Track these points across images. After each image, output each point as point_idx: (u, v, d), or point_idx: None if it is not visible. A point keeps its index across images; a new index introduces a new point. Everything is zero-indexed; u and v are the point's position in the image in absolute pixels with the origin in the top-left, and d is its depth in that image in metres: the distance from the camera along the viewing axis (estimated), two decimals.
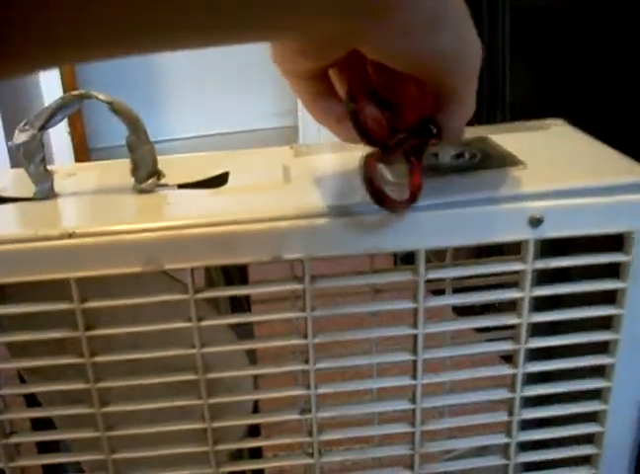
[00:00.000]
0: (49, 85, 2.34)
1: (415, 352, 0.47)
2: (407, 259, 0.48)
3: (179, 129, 3.20)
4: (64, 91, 2.28)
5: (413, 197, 0.42)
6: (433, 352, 0.48)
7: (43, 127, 0.47)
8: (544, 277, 0.48)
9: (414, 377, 0.47)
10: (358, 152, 0.51)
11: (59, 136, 2.32)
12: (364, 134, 0.40)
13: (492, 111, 1.23)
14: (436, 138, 0.43)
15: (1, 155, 1.74)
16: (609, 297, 0.49)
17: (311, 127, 2.62)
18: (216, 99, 3.20)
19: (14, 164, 1.84)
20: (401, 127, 0.42)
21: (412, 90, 0.42)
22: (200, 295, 0.43)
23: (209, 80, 3.19)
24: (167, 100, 3.23)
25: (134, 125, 0.47)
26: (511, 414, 0.49)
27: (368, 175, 0.39)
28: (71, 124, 2.34)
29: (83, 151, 2.46)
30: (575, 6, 1.18)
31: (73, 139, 2.37)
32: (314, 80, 0.42)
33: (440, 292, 0.53)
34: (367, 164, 0.40)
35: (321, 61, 0.39)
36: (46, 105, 0.47)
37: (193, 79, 3.20)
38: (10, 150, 0.48)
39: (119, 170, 0.51)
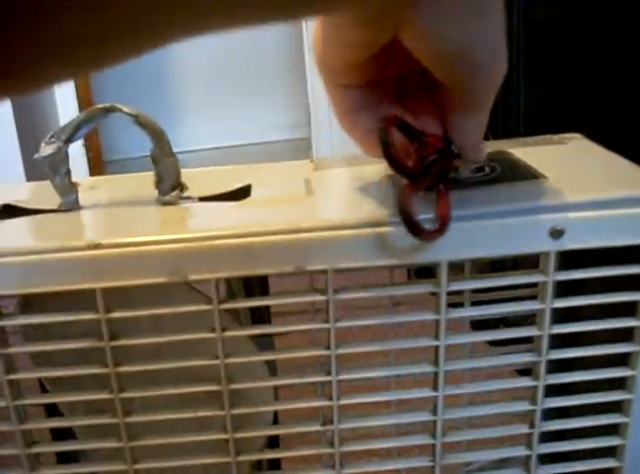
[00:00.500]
0: (64, 98, 2.36)
1: (436, 363, 0.47)
2: (420, 272, 0.49)
3: (192, 141, 3.22)
4: (79, 104, 2.30)
5: (442, 228, 0.42)
6: (454, 363, 0.48)
7: (69, 140, 0.47)
8: (560, 291, 0.48)
9: (435, 389, 0.48)
10: (376, 165, 0.51)
11: (74, 149, 2.34)
12: (395, 165, 0.41)
13: (507, 123, 1.23)
14: (457, 158, 0.44)
15: (17, 168, 1.76)
16: (629, 310, 0.49)
17: (324, 140, 2.63)
18: (230, 111, 3.22)
19: (29, 178, 1.86)
20: (427, 154, 0.42)
21: (432, 112, 0.43)
22: (223, 306, 0.44)
23: (223, 92, 3.21)
24: (181, 112, 3.25)
25: (159, 138, 0.48)
26: (532, 426, 0.50)
27: (403, 205, 0.40)
28: (86, 137, 2.36)
29: (98, 164, 2.48)
30: (585, 17, 1.18)
31: (88, 152, 2.39)
32: (351, 90, 0.43)
33: (456, 306, 0.53)
34: (402, 195, 0.40)
35: (367, 45, 0.39)
36: (61, 118, 0.48)
37: (206, 91, 3.22)
38: (25, 163, 0.49)
39: (139, 183, 0.51)
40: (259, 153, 3.14)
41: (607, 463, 0.52)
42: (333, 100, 0.44)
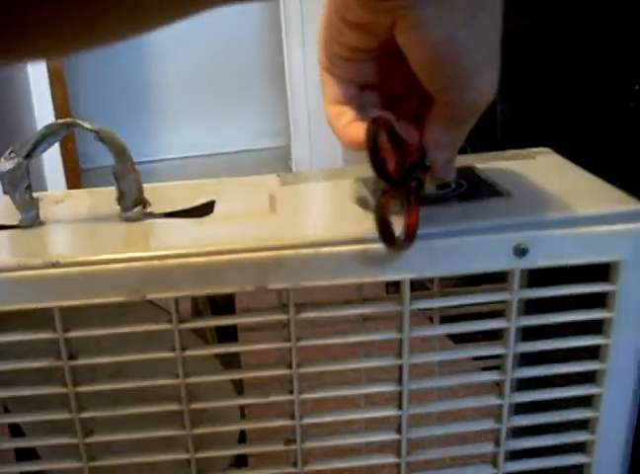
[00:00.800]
0: (42, 110, 2.34)
1: (400, 382, 0.46)
2: (398, 284, 0.48)
3: (171, 149, 3.21)
4: (56, 115, 2.29)
5: (410, 239, 0.42)
6: (419, 382, 0.47)
7: (29, 155, 0.47)
8: (531, 304, 0.48)
9: (399, 408, 0.47)
10: (343, 181, 0.51)
11: (51, 157, 2.32)
12: (379, 170, 0.40)
13: (482, 135, 1.23)
14: (427, 173, 0.43)
15: None
16: (597, 326, 0.49)
17: (303, 148, 2.62)
18: (209, 119, 3.21)
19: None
20: (406, 164, 0.42)
21: (415, 122, 0.43)
22: (184, 325, 0.43)
23: (202, 100, 3.20)
24: (159, 119, 3.24)
25: (120, 154, 0.47)
26: (497, 444, 0.49)
27: (381, 212, 0.40)
28: (63, 145, 2.34)
29: (74, 172, 2.46)
30: (562, 26, 1.18)
31: (65, 160, 2.37)
32: (345, 83, 0.43)
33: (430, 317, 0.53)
34: (382, 202, 0.40)
35: (365, 29, 0.39)
36: (38, 124, 0.47)
37: (185, 99, 3.21)
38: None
39: (105, 198, 0.51)
40: (238, 161, 3.13)
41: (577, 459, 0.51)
42: (324, 87, 0.44)
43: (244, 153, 3.21)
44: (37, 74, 2.34)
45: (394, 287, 0.55)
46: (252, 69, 3.20)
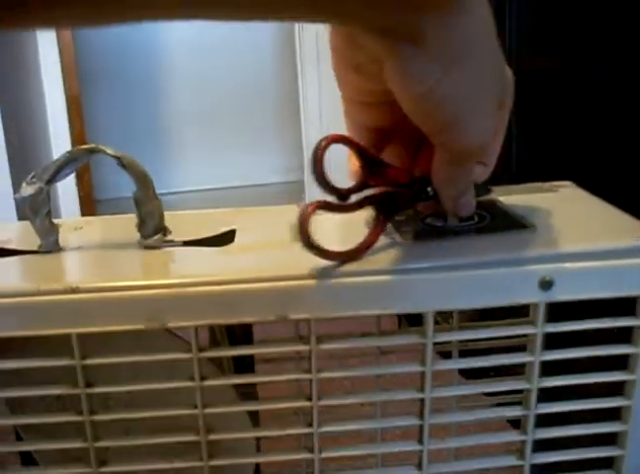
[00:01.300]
0: (58, 137, 2.36)
1: (422, 416, 0.46)
2: (411, 317, 0.48)
3: (186, 182, 3.22)
4: (73, 143, 2.30)
5: (359, 252, 0.44)
6: (440, 417, 0.46)
7: (51, 181, 0.46)
8: (552, 338, 0.47)
9: (420, 442, 0.46)
10: (363, 212, 0.51)
11: (66, 187, 2.34)
12: (321, 182, 0.41)
13: (499, 172, 1.23)
14: (431, 202, 0.45)
15: (8, 208, 1.75)
16: (621, 361, 0.48)
17: None
18: (225, 153, 3.24)
19: (21, 217, 1.84)
20: (376, 182, 0.44)
21: (402, 153, 0.45)
22: (203, 354, 0.43)
23: (218, 134, 3.23)
24: (175, 152, 3.26)
25: (142, 181, 0.47)
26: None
27: (301, 220, 0.41)
28: (78, 175, 2.36)
29: (89, 202, 2.47)
30: (579, 66, 1.19)
31: (80, 190, 2.39)
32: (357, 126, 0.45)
33: (446, 353, 0.52)
34: (303, 212, 0.41)
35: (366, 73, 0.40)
36: (55, 158, 0.47)
37: (201, 133, 3.24)
38: (17, 203, 0.48)
39: (125, 225, 0.50)
40: (253, 195, 3.14)
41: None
42: (342, 89, 0.44)
43: (259, 187, 3.22)
44: (54, 103, 2.36)
45: (406, 321, 0.55)
46: (268, 105, 3.22)
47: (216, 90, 3.15)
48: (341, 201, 0.43)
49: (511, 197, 0.54)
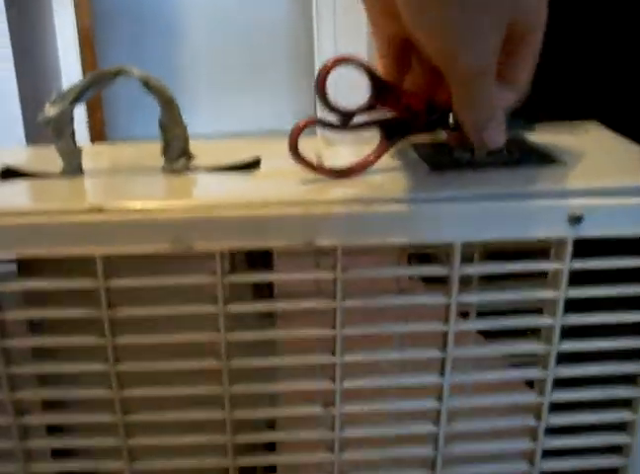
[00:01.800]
0: (69, 72, 2.34)
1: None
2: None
3: (196, 124, 3.19)
4: (83, 71, 2.29)
5: (352, 172, 0.45)
6: (462, 350, 0.46)
7: (75, 101, 0.46)
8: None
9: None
10: None
11: (77, 125, 2.32)
12: (322, 99, 0.43)
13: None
14: (457, 134, 0.46)
15: (18, 133, 1.75)
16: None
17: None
18: (233, 98, 3.20)
19: (30, 143, 1.84)
20: (386, 105, 0.45)
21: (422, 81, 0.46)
22: (228, 279, 0.42)
23: (227, 79, 3.19)
24: (183, 97, 3.22)
25: (168, 105, 0.46)
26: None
27: (291, 138, 0.43)
28: (90, 113, 2.34)
29: (101, 141, 2.46)
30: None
31: (91, 130, 2.37)
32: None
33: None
34: (294, 130, 0.43)
35: None
36: (65, 84, 0.46)
37: (210, 77, 3.20)
38: (41, 124, 0.47)
39: (147, 151, 0.50)
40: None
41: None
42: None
43: (267, 132, 3.19)
44: (66, 38, 2.34)
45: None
46: (281, 47, 3.18)
47: (230, 30, 3.11)
48: (343, 122, 0.44)
49: (538, 135, 0.53)
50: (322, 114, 0.46)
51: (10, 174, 0.48)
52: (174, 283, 0.42)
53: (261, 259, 0.52)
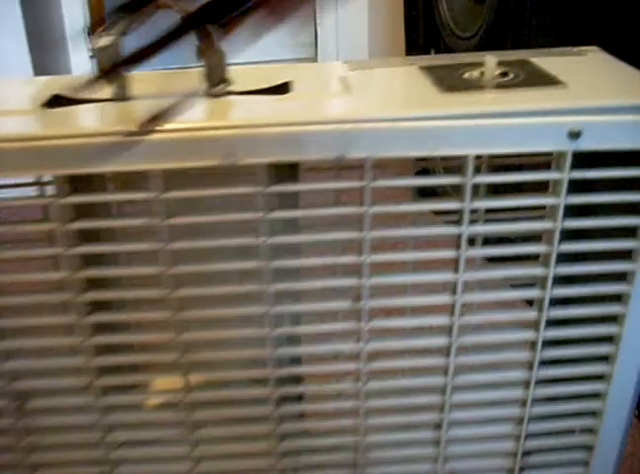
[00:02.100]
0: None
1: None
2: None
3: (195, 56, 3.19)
4: (88, 13, 2.29)
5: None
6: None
7: (125, 33, 0.50)
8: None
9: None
10: (408, 67, 0.55)
11: (81, 67, 2.33)
12: None
13: (517, 35, 1.24)
14: None
15: (25, 69, 1.78)
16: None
17: (330, 59, 2.63)
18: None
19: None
20: None
21: None
22: (270, 189, 0.48)
23: None
24: None
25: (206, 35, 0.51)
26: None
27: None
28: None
29: None
30: None
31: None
32: None
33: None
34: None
35: None
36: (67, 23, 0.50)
37: None
38: (96, 54, 0.52)
39: (185, 77, 0.55)
40: None
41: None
42: None
43: (270, 64, 3.20)
44: None
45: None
46: None
47: None
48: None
49: (540, 59, 0.58)
50: None
51: (59, 101, 0.53)
52: (223, 193, 0.48)
53: (288, 176, 0.58)
